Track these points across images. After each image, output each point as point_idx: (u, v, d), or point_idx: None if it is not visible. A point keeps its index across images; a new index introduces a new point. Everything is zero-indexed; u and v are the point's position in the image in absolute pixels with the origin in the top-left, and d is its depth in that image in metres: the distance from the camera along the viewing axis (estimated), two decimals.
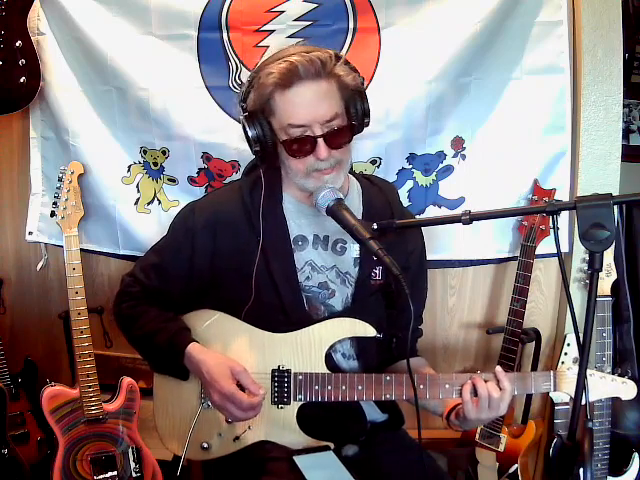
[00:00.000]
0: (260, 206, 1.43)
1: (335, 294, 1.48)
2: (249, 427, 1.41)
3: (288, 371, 1.40)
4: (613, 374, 1.39)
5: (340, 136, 1.35)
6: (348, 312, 1.46)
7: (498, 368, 1.34)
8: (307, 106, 1.32)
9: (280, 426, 1.40)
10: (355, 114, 1.37)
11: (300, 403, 1.39)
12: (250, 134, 1.37)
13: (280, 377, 1.40)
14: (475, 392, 1.32)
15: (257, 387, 1.34)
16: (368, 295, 1.48)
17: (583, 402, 1.07)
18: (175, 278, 1.48)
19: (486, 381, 1.32)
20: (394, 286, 1.45)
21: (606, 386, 1.36)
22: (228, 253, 1.44)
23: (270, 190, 1.45)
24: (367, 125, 1.43)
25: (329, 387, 1.38)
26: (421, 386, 1.35)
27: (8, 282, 2.32)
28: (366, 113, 1.39)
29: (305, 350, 1.40)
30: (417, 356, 1.61)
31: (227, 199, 1.49)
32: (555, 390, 1.36)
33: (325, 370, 1.39)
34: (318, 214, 1.38)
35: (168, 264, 1.49)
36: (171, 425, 1.47)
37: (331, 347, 1.42)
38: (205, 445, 1.42)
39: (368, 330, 1.41)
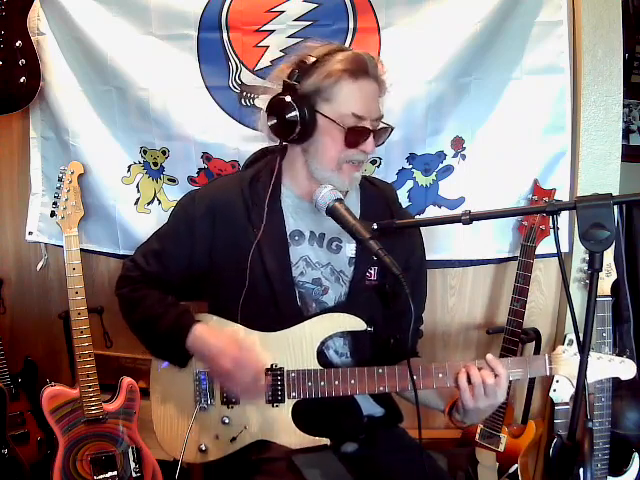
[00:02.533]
0: (259, 198, 1.44)
1: (328, 291, 1.48)
2: (245, 427, 1.41)
3: (281, 369, 1.39)
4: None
5: (384, 136, 1.46)
6: (340, 308, 1.46)
7: (489, 356, 1.33)
8: (369, 100, 1.39)
9: (276, 425, 1.40)
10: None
11: (294, 401, 1.40)
12: (298, 113, 1.35)
13: (273, 376, 1.40)
14: (470, 380, 1.31)
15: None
16: (362, 294, 1.48)
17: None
18: (174, 265, 1.49)
19: (480, 368, 1.32)
20: (388, 286, 1.45)
21: (604, 366, 1.34)
22: (226, 242, 1.45)
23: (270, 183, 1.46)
24: None
25: (322, 383, 1.38)
26: (414, 377, 1.33)
27: (8, 282, 2.32)
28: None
29: (297, 347, 1.40)
30: (417, 357, 1.60)
31: (228, 188, 1.50)
32: (551, 373, 1.34)
33: (317, 366, 1.39)
34: (316, 211, 1.39)
35: (168, 251, 1.50)
36: (169, 428, 1.47)
37: (323, 343, 1.42)
38: (203, 447, 1.42)
39: (358, 324, 1.41)
